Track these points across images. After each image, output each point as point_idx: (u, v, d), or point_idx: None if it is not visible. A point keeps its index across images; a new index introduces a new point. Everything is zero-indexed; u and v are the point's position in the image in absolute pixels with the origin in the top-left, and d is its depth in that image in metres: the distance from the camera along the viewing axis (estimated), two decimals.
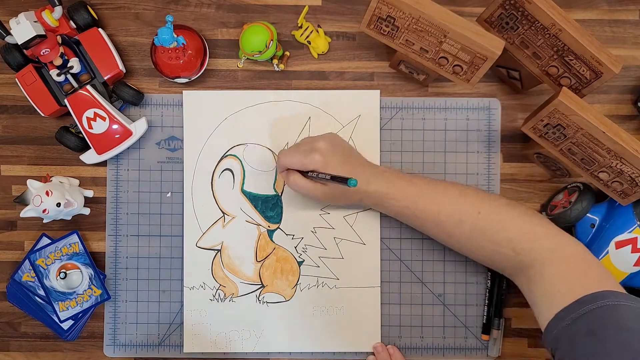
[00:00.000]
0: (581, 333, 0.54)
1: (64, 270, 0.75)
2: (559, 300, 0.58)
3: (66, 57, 0.73)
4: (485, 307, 0.76)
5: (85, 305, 0.75)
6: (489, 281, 0.76)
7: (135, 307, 0.77)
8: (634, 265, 0.71)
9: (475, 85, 0.69)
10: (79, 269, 0.75)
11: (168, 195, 0.77)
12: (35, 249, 0.75)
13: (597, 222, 0.73)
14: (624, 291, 0.58)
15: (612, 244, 0.71)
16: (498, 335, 0.76)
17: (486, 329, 0.76)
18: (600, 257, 0.71)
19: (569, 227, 0.75)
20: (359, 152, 0.75)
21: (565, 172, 0.74)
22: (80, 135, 0.75)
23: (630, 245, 0.71)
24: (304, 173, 0.68)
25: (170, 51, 0.72)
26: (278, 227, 0.77)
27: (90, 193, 0.76)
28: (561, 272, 0.61)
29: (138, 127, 0.75)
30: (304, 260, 0.77)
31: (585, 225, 0.73)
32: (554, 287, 0.60)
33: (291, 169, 0.69)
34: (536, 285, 0.62)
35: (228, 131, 0.77)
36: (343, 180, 0.61)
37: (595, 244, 0.72)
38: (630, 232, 0.71)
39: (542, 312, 0.61)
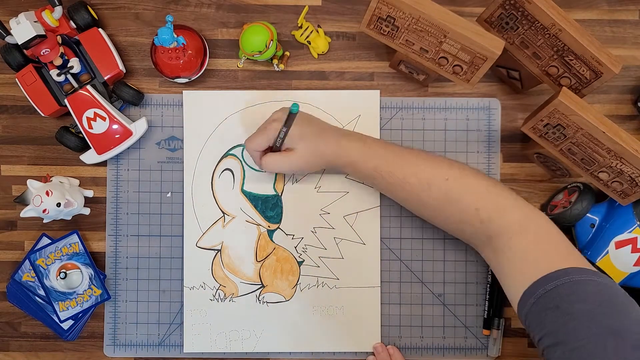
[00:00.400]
0: (548, 309, 0.55)
1: (64, 270, 0.75)
2: (526, 276, 0.58)
3: (66, 57, 0.73)
4: (487, 302, 0.76)
5: (85, 305, 0.75)
6: (489, 276, 0.76)
7: (135, 307, 0.77)
8: (634, 265, 0.71)
9: (475, 85, 0.69)
10: (79, 269, 0.75)
11: (168, 195, 0.77)
12: (35, 249, 0.75)
13: (597, 222, 0.73)
14: (591, 267, 0.58)
15: (612, 244, 0.71)
16: (498, 335, 0.76)
17: (487, 324, 0.76)
18: (600, 257, 0.71)
19: (569, 227, 0.75)
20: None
21: (565, 172, 0.74)
22: (80, 135, 0.75)
23: (630, 245, 0.71)
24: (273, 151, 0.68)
25: (170, 51, 0.72)
26: (278, 227, 0.77)
27: (90, 193, 0.76)
28: (527, 246, 0.61)
29: (138, 127, 0.75)
30: (304, 260, 0.77)
31: (585, 225, 0.73)
32: (521, 262, 0.60)
33: (263, 153, 0.69)
34: (502, 258, 0.62)
35: (228, 131, 0.77)
36: (289, 116, 0.62)
37: (595, 244, 0.72)
38: (630, 232, 0.71)
39: (510, 287, 0.61)
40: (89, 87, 0.73)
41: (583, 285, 0.55)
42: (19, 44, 0.67)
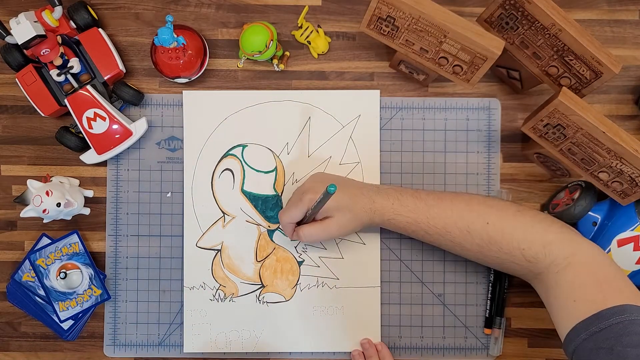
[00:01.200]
0: (600, 349, 0.53)
1: (64, 270, 0.75)
2: (576, 312, 0.57)
3: (66, 57, 0.73)
4: (488, 301, 0.76)
5: (86, 305, 0.75)
6: (492, 275, 0.76)
7: (135, 307, 0.77)
8: (636, 263, 0.71)
9: (475, 85, 0.69)
10: (79, 269, 0.75)
11: (168, 195, 0.77)
12: (35, 249, 0.75)
13: (599, 220, 0.73)
14: None
15: (614, 242, 0.71)
16: (499, 334, 0.76)
17: (488, 323, 0.76)
18: None
19: (572, 225, 0.75)
20: (351, 178, 0.74)
21: (565, 172, 0.74)
22: (80, 135, 0.75)
23: (632, 243, 0.71)
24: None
25: (170, 51, 0.72)
26: (278, 227, 0.77)
27: (90, 193, 0.76)
28: (577, 280, 0.59)
29: (138, 127, 0.75)
30: (304, 260, 0.77)
31: (587, 223, 0.73)
32: (571, 297, 0.58)
33: (297, 225, 0.69)
34: (552, 293, 0.61)
35: (228, 131, 0.77)
36: (326, 195, 0.60)
37: (598, 242, 0.72)
38: (632, 230, 0.71)
39: (559, 322, 0.59)
40: (89, 87, 0.73)
41: (639, 326, 0.53)
42: (19, 44, 0.67)
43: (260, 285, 0.77)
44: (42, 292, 0.75)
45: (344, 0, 0.78)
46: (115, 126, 0.74)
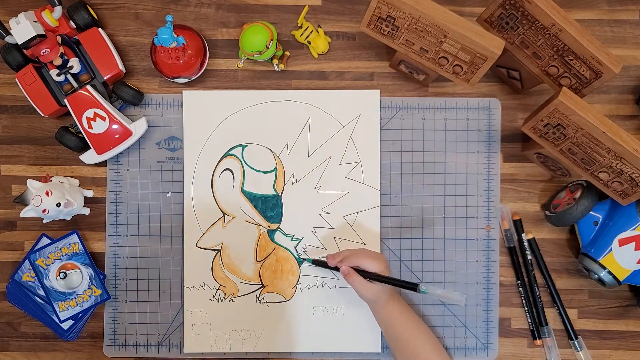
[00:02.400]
0: None
1: (64, 270, 0.75)
2: None
3: (66, 57, 0.73)
4: (527, 315, 0.77)
5: (85, 305, 0.75)
6: (521, 289, 0.77)
7: (135, 307, 0.77)
8: (638, 263, 0.71)
9: (475, 85, 0.69)
10: (79, 269, 0.75)
11: (168, 195, 0.77)
12: (35, 249, 0.75)
13: (601, 219, 0.73)
14: None
15: (615, 242, 0.71)
16: (552, 342, 0.76)
17: (535, 335, 0.77)
18: (603, 255, 0.71)
19: (573, 225, 0.75)
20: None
21: (565, 172, 0.74)
22: (80, 135, 0.75)
23: (633, 243, 0.71)
24: (361, 274, 0.70)
25: (170, 51, 0.72)
26: (278, 227, 0.77)
27: (90, 193, 0.76)
28: None
29: (138, 127, 0.75)
30: (303, 260, 0.77)
31: (588, 222, 0.73)
32: None
33: (352, 269, 0.70)
34: None
35: (228, 131, 0.77)
36: (412, 286, 0.66)
37: (599, 242, 0.72)
38: (633, 229, 0.71)
39: None
40: (88, 87, 0.73)
41: None
42: (19, 44, 0.67)
43: (260, 285, 0.77)
44: (42, 292, 0.75)
45: (344, 0, 0.78)
46: (115, 126, 0.74)
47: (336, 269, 0.72)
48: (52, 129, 0.77)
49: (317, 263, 0.75)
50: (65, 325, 0.76)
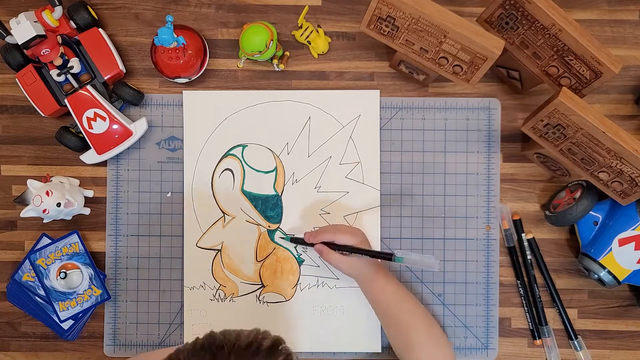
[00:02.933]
0: None
1: (64, 270, 0.75)
2: None
3: (66, 57, 0.73)
4: (527, 315, 0.77)
5: (86, 305, 0.75)
6: (520, 289, 0.77)
7: (135, 307, 0.77)
8: (637, 263, 0.71)
9: (475, 85, 0.69)
10: (79, 269, 0.75)
11: (168, 195, 0.77)
12: (35, 249, 0.75)
13: (600, 219, 0.73)
14: None
15: (615, 241, 0.71)
16: (551, 342, 0.76)
17: (535, 334, 0.77)
18: (603, 255, 0.71)
19: (573, 225, 0.75)
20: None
21: (565, 172, 0.74)
22: (81, 135, 0.75)
23: (633, 243, 0.71)
24: (333, 248, 0.70)
25: (170, 51, 0.72)
26: (278, 227, 0.77)
27: (90, 193, 0.76)
28: None
29: (138, 127, 0.75)
30: (304, 260, 0.77)
31: (588, 222, 0.74)
32: None
33: (323, 244, 0.71)
34: None
35: (228, 131, 0.77)
36: (387, 256, 0.67)
37: (599, 242, 0.72)
38: (633, 229, 0.71)
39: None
40: (89, 87, 0.73)
41: None
42: (19, 44, 0.67)
43: (260, 285, 0.77)
44: (42, 292, 0.75)
45: (344, 0, 0.78)
46: (115, 126, 0.74)
47: (313, 245, 0.72)
48: (53, 129, 0.77)
49: (295, 240, 0.75)
50: (66, 325, 0.76)
